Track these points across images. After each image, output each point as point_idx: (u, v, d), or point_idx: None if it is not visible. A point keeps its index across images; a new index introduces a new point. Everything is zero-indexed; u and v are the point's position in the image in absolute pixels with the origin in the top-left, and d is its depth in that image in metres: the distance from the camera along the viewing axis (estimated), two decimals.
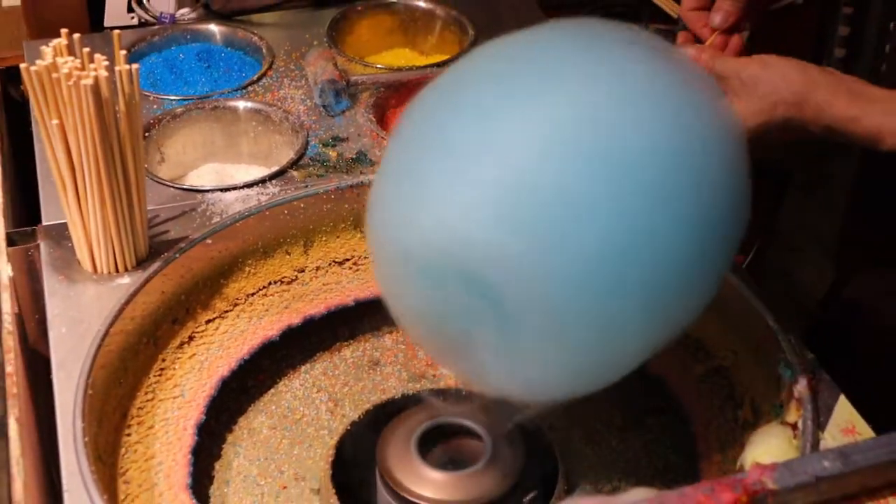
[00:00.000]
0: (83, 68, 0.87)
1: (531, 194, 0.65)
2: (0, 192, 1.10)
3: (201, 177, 1.17)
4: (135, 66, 0.89)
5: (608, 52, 0.73)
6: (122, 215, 0.93)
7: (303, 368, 1.03)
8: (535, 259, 0.65)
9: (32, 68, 0.86)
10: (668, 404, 0.97)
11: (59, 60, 0.86)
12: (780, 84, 0.81)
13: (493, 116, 0.68)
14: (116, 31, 0.95)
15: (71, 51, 0.89)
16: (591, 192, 0.65)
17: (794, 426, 0.83)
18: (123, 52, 0.90)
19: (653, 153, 0.67)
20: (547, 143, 0.66)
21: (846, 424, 0.82)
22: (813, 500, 0.74)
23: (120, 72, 0.88)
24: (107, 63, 0.88)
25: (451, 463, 0.87)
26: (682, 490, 0.71)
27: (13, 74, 1.28)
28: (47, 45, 0.88)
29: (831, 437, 0.81)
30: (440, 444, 0.89)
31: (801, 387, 0.84)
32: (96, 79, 0.86)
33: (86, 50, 0.88)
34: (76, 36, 0.90)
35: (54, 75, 0.86)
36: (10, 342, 0.91)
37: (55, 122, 0.88)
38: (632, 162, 0.66)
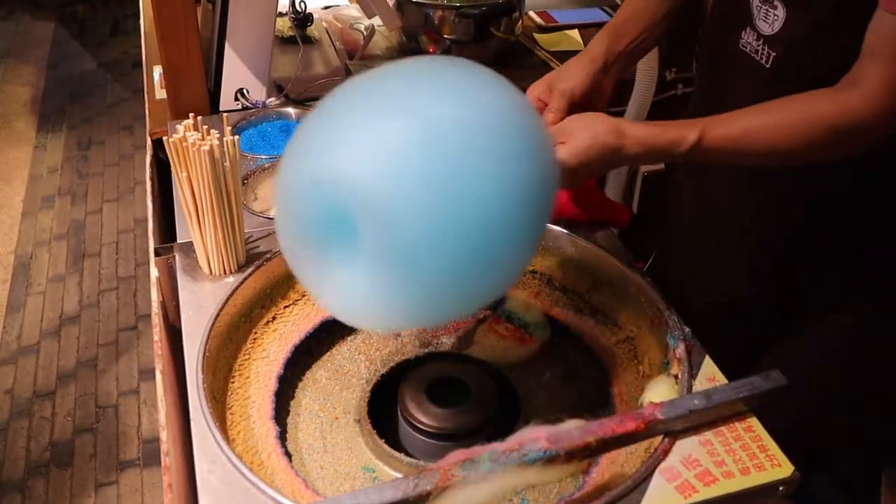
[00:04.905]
0: (203, 139, 0.88)
1: (394, 162, 0.62)
2: (151, 221, 1.11)
3: None
4: (236, 136, 0.91)
5: (459, 78, 0.69)
6: (228, 236, 0.94)
7: (348, 338, 1.03)
8: (385, 199, 0.62)
9: (171, 139, 0.88)
10: (593, 362, 0.97)
11: (188, 134, 0.88)
12: (596, 123, 0.81)
13: (380, 115, 0.65)
14: (225, 114, 0.97)
15: (196, 127, 0.90)
16: (434, 167, 0.62)
17: (675, 377, 0.84)
18: (230, 127, 0.92)
19: (475, 141, 0.63)
20: (408, 134, 0.63)
21: (709, 375, 0.83)
22: (688, 425, 0.76)
23: (227, 141, 0.90)
24: (218, 135, 0.89)
25: (447, 402, 0.87)
26: (602, 420, 0.72)
27: (161, 143, 1.29)
28: (181, 124, 0.90)
29: (699, 384, 0.82)
30: (440, 390, 0.89)
31: (681, 350, 0.85)
32: (211, 146, 0.87)
33: (205, 126, 0.90)
34: (199, 117, 0.91)
35: (185, 143, 0.88)
36: (157, 320, 0.93)
37: (185, 174, 0.89)
38: (459, 148, 0.63)
